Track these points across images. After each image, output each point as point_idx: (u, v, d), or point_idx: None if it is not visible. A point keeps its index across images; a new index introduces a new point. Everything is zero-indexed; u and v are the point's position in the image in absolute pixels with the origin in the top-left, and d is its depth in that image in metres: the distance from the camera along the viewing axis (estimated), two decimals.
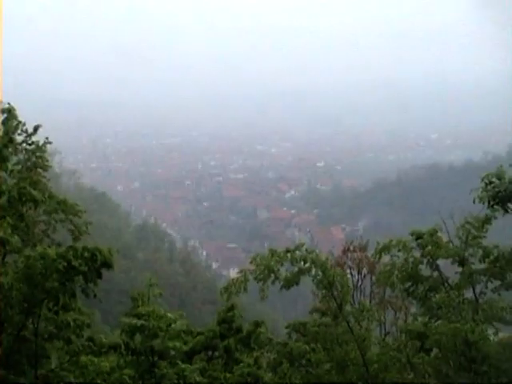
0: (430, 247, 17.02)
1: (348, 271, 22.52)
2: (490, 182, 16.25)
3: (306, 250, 16.14)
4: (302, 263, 15.96)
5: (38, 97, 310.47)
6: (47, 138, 18.68)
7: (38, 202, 16.60)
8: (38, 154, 18.28)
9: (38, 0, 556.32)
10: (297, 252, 16.06)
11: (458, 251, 16.67)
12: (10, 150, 17.37)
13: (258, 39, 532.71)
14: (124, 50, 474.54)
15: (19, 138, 18.22)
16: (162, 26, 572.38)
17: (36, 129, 18.59)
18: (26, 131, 18.36)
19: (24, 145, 18.36)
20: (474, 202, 16.23)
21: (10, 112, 17.87)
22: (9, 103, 18.08)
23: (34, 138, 18.50)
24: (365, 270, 23.04)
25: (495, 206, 16.35)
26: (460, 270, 16.76)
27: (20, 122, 18.11)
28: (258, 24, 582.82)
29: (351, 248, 23.82)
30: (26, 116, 18.74)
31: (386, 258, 17.97)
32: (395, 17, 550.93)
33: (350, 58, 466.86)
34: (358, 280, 22.82)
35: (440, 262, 17.26)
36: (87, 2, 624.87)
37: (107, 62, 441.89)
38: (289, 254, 15.98)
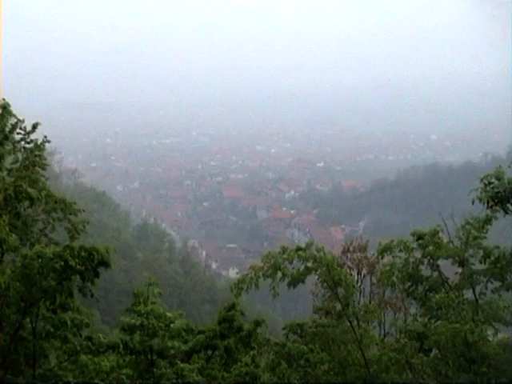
0: (430, 247, 16.98)
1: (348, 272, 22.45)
2: (489, 183, 16.15)
3: (316, 249, 16.12)
4: (311, 262, 15.95)
5: (39, 97, 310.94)
6: (45, 137, 18.48)
7: (34, 200, 16.49)
8: (36, 152, 18.09)
9: (39, 0, 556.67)
10: (307, 251, 16.05)
11: (459, 252, 16.61)
12: (6, 147, 17.20)
13: (259, 40, 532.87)
14: (124, 50, 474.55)
15: (17, 137, 18.03)
16: (162, 26, 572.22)
17: (34, 127, 18.39)
18: (25, 129, 18.17)
19: (22, 143, 18.18)
20: (473, 202, 16.15)
21: (4, 108, 17.66)
22: (4, 99, 17.82)
23: (32, 137, 18.32)
24: (364, 271, 22.95)
25: (495, 207, 16.27)
26: (460, 270, 16.71)
27: (19, 119, 17.91)
28: (259, 24, 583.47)
29: (351, 248, 23.71)
30: (27, 116, 18.59)
31: (385, 259, 17.94)
32: (394, 17, 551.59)
33: (350, 58, 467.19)
34: (357, 281, 22.73)
35: (440, 262, 17.21)
36: (87, 3, 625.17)
37: (108, 62, 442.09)
38: (300, 252, 15.97)
